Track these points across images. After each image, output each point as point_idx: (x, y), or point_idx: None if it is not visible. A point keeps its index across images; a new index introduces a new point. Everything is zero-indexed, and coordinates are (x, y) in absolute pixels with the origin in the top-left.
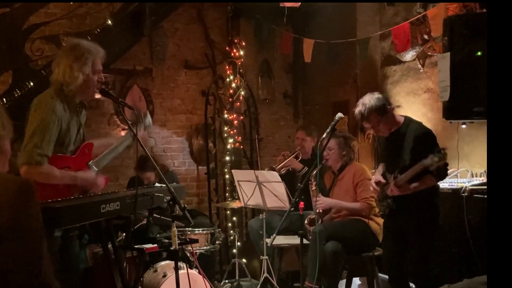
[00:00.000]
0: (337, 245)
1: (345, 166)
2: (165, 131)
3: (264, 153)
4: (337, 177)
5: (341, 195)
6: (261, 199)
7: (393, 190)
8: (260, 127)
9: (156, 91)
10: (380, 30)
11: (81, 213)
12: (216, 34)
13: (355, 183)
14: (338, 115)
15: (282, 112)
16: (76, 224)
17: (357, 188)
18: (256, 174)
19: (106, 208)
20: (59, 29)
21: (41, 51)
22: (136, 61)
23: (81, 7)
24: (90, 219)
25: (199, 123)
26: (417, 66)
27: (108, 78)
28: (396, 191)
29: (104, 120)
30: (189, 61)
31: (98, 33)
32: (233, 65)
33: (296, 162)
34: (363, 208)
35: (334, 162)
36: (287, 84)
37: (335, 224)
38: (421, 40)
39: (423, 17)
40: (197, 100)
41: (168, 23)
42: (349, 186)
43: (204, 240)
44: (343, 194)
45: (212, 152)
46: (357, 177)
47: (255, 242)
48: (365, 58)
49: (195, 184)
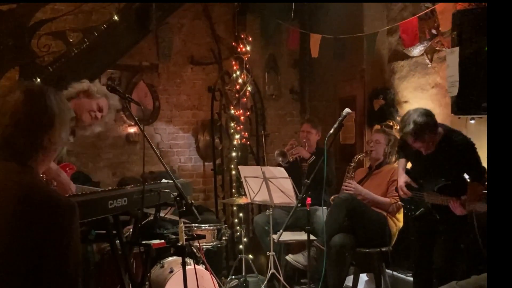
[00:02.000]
0: (344, 238)
1: (384, 164)
2: (171, 127)
3: (270, 149)
4: (372, 172)
5: (371, 187)
6: (267, 195)
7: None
8: (266, 123)
9: (162, 87)
10: (388, 25)
11: (88, 209)
12: (222, 30)
13: (391, 180)
14: (345, 110)
15: (289, 107)
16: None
17: (391, 186)
18: (262, 170)
19: (114, 204)
20: (65, 25)
21: (48, 47)
22: (142, 57)
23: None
24: (97, 215)
25: (205, 119)
26: (425, 61)
27: (115, 74)
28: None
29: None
30: (195, 57)
31: (105, 29)
32: (240, 61)
33: (304, 150)
34: (392, 204)
35: (376, 155)
36: (294, 80)
37: (360, 202)
38: (429, 35)
39: (431, 11)
40: (203, 96)
41: (174, 18)
42: (383, 181)
43: (210, 236)
44: (374, 187)
45: (218, 148)
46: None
47: (261, 238)
48: (372, 53)
49: (201, 180)
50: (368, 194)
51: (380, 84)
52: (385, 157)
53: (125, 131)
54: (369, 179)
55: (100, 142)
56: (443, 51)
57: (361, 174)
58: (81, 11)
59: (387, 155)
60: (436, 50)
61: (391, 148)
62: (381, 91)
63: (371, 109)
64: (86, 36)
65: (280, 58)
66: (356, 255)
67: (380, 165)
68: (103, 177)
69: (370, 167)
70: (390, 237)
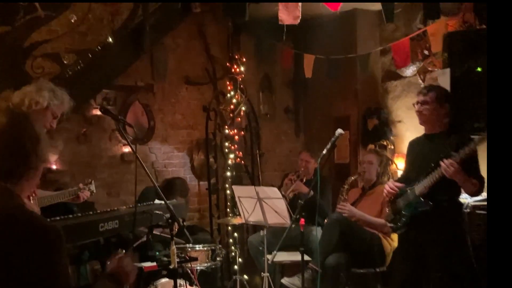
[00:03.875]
0: (338, 258)
1: (377, 184)
2: (166, 147)
3: (265, 168)
4: (365, 193)
5: (365, 208)
6: (261, 215)
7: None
8: (261, 142)
9: (157, 106)
10: (381, 45)
11: (79, 233)
12: (217, 50)
13: (385, 200)
14: (338, 131)
15: (284, 126)
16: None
17: (384, 206)
18: (256, 190)
19: (105, 226)
20: (60, 45)
21: (42, 69)
22: (137, 77)
23: (82, 24)
24: (88, 238)
25: (200, 138)
26: (417, 81)
27: (110, 94)
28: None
29: (106, 136)
30: (190, 77)
31: (99, 50)
32: (234, 81)
33: (303, 185)
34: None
35: (369, 176)
36: (288, 99)
37: (353, 222)
38: (421, 55)
39: (423, 32)
40: (198, 115)
41: (169, 39)
42: (376, 202)
43: (205, 256)
44: (368, 207)
45: (213, 168)
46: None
47: (255, 259)
48: (365, 73)
49: (196, 200)
50: (362, 216)
51: (374, 104)
52: (378, 178)
53: (120, 150)
54: (362, 199)
55: (95, 162)
56: (435, 72)
57: (354, 195)
58: (77, 32)
59: (380, 176)
60: (429, 70)
61: (384, 168)
62: (375, 110)
63: (365, 129)
64: (80, 58)
65: (275, 78)
66: (352, 276)
67: (373, 185)
68: (98, 197)
69: (364, 187)
70: (385, 257)
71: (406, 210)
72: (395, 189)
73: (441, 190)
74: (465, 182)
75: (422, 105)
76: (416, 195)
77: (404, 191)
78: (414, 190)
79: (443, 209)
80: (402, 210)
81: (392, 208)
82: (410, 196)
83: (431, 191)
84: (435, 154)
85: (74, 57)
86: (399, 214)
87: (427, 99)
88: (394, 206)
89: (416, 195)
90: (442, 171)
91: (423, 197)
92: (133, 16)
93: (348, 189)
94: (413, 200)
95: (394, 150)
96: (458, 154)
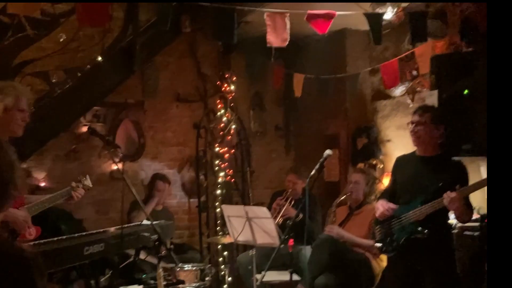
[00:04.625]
0: (328, 279)
1: (364, 204)
2: (157, 164)
3: (256, 185)
4: (352, 213)
5: (353, 228)
6: (251, 235)
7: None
8: (252, 160)
9: (148, 123)
10: (370, 64)
11: (63, 257)
12: (208, 68)
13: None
14: (326, 152)
15: (274, 144)
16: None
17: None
18: (245, 209)
19: (90, 250)
20: (50, 64)
21: (31, 87)
22: (128, 94)
23: (73, 41)
24: (72, 262)
25: (190, 155)
26: (406, 101)
27: (100, 111)
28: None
29: (95, 153)
30: (181, 94)
31: (89, 69)
32: (224, 99)
33: (291, 209)
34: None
35: (355, 198)
36: (279, 117)
37: (341, 243)
38: (410, 76)
39: (412, 53)
40: (189, 133)
41: (160, 56)
42: (364, 222)
43: (193, 276)
44: (356, 228)
45: (203, 185)
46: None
47: (245, 278)
48: (354, 92)
49: (186, 217)
50: (351, 238)
51: (363, 123)
52: (365, 197)
53: (109, 168)
54: (350, 219)
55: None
56: (424, 92)
57: (342, 214)
58: (67, 49)
59: (367, 195)
60: (417, 90)
61: (370, 187)
62: (364, 129)
63: (355, 148)
64: (69, 76)
65: (265, 96)
66: None
67: (360, 205)
68: (87, 215)
69: (350, 207)
70: (374, 277)
71: (400, 234)
72: (390, 211)
73: (435, 216)
74: (462, 213)
75: (417, 126)
76: (410, 221)
77: (397, 213)
78: (409, 216)
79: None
80: (395, 234)
81: (384, 230)
82: (405, 222)
83: (426, 217)
84: (431, 180)
85: (63, 76)
86: (391, 237)
87: (423, 120)
88: (386, 228)
89: (411, 221)
90: (444, 203)
91: (418, 223)
92: (123, 34)
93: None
94: (408, 227)
95: (384, 169)
96: (464, 189)
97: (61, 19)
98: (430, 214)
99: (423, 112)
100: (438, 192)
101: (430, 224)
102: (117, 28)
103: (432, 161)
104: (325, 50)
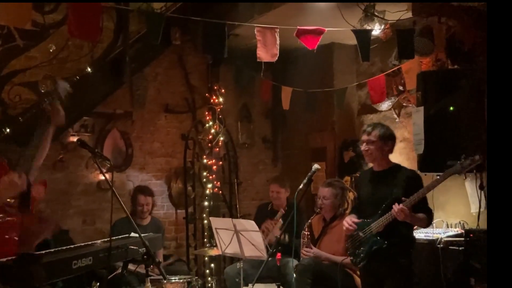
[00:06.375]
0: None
1: (338, 216)
2: (144, 174)
3: (243, 197)
4: (328, 226)
5: (330, 244)
6: (238, 247)
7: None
8: (239, 171)
9: (136, 134)
10: (357, 78)
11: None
12: (197, 80)
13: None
14: (314, 166)
15: (262, 156)
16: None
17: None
18: (233, 222)
19: (78, 264)
20: (39, 74)
21: (19, 97)
22: (117, 104)
23: (62, 51)
24: (60, 276)
25: (178, 166)
26: (393, 116)
27: (88, 121)
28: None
29: (82, 163)
30: (169, 105)
31: (77, 80)
32: (213, 111)
33: (277, 230)
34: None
35: (327, 212)
36: (267, 129)
37: (323, 265)
38: (396, 91)
39: (398, 69)
40: (177, 144)
41: (149, 67)
42: (340, 236)
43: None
44: (334, 243)
45: (191, 197)
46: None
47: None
48: (341, 106)
49: (173, 228)
50: (328, 258)
51: (350, 136)
52: (337, 209)
53: (97, 178)
54: (326, 233)
55: (71, 189)
56: (410, 107)
57: (317, 227)
58: (56, 59)
59: (338, 207)
60: (403, 105)
61: (341, 199)
62: (351, 143)
63: (341, 161)
64: None
65: (253, 108)
66: None
67: (334, 217)
68: (73, 225)
69: (325, 219)
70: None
71: (364, 246)
72: (354, 226)
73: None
74: (415, 222)
75: (368, 144)
76: (373, 233)
77: (362, 227)
78: (371, 228)
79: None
80: (361, 246)
81: (352, 243)
82: (367, 234)
83: (386, 228)
84: (384, 193)
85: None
86: (358, 249)
87: (371, 138)
88: (354, 241)
89: (372, 233)
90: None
91: (379, 234)
92: (113, 45)
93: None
94: (371, 239)
95: None
96: (409, 200)
97: (51, 30)
98: (390, 225)
99: (371, 130)
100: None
101: (391, 235)
102: (107, 39)
103: (386, 174)
104: (313, 63)
